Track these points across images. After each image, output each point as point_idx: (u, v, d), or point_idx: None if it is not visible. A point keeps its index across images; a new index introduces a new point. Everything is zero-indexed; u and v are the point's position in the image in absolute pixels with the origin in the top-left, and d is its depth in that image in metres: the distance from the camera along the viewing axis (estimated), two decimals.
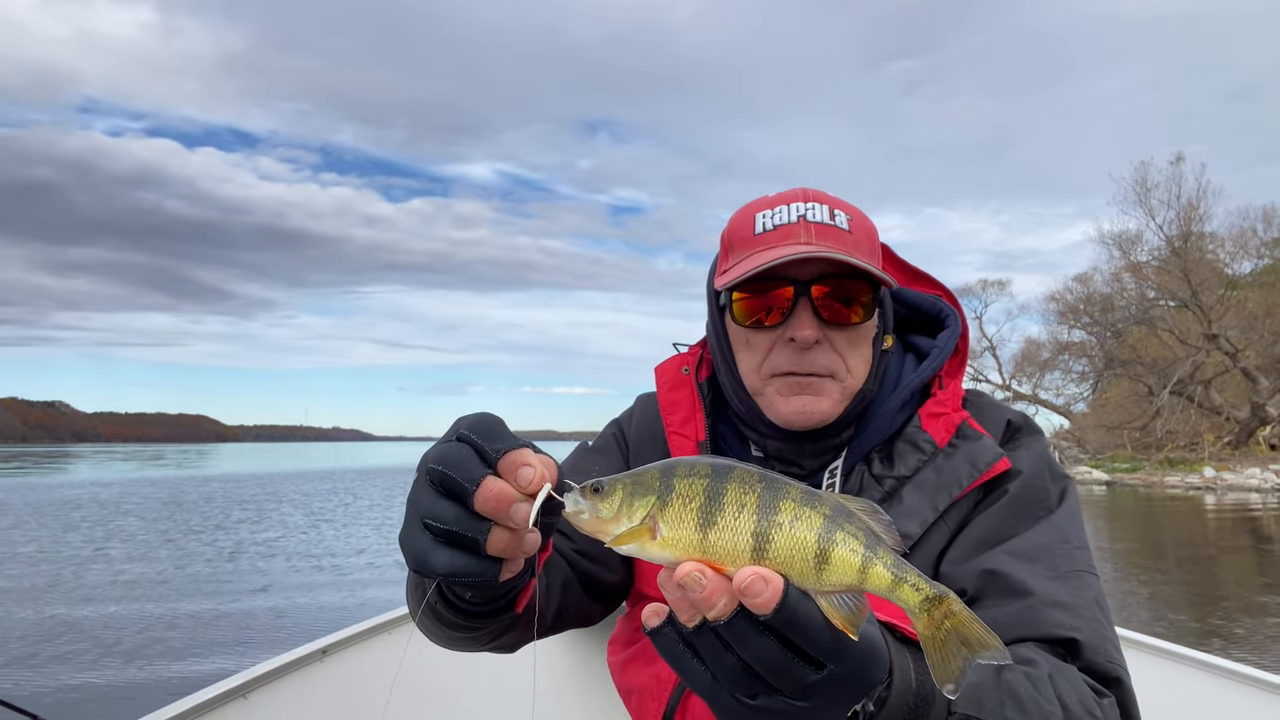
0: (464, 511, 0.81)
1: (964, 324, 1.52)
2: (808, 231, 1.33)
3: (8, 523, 25.58)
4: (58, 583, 14.91)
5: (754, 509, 0.77)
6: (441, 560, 0.82)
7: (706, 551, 0.77)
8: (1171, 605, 13.19)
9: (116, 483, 50.13)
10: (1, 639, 11.00)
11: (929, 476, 1.36)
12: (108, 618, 12.19)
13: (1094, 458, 50.99)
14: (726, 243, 1.45)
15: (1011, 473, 1.36)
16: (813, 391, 1.35)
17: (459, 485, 0.80)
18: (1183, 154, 52.44)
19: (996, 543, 1.30)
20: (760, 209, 1.40)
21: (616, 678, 1.55)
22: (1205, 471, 40.58)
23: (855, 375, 1.38)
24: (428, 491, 0.83)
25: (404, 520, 0.87)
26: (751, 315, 1.37)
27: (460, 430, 0.84)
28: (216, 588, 14.45)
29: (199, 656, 10.12)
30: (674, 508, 0.78)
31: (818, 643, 0.77)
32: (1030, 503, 1.34)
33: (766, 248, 1.33)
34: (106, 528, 23.73)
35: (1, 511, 29.74)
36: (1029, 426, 1.45)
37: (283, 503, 34.29)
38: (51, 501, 34.23)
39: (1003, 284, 66.78)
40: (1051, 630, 1.18)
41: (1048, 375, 63.01)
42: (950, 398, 1.44)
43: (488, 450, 0.82)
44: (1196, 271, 48.76)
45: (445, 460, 0.82)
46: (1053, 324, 62.39)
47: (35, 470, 76.50)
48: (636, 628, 1.52)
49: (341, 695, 2.55)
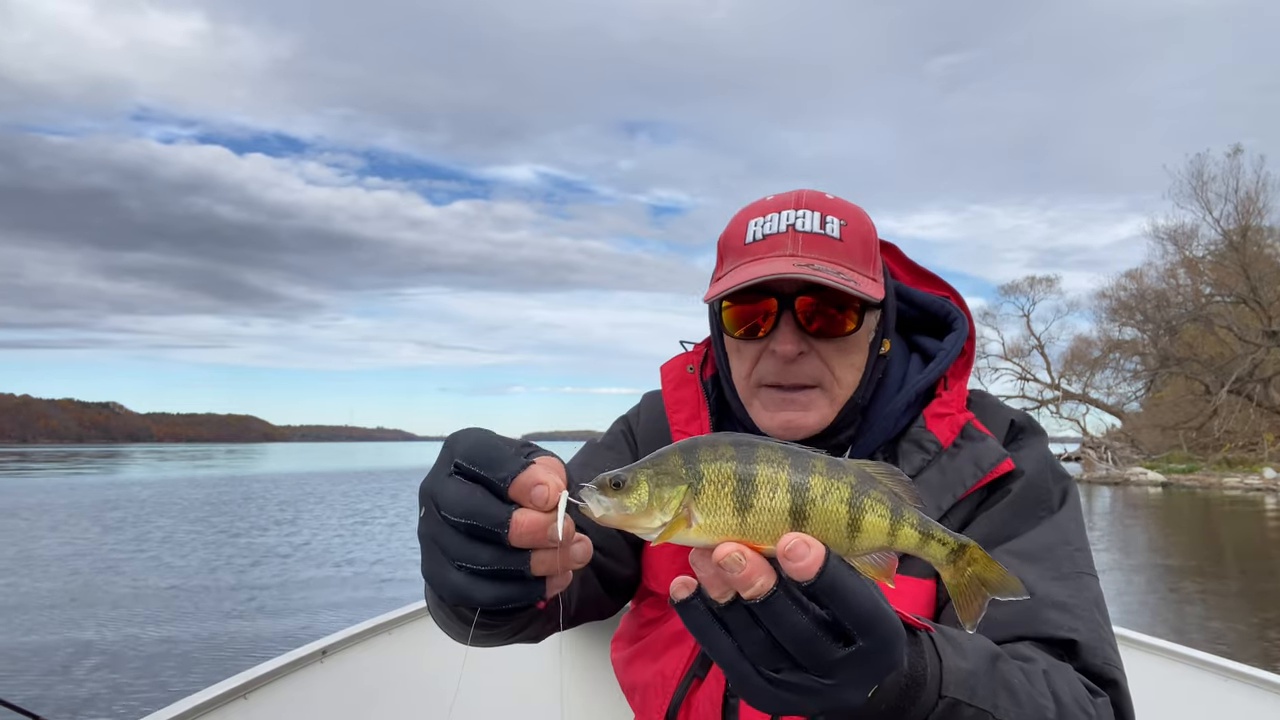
0: (501, 550, 0.79)
1: (971, 326, 1.51)
2: (795, 242, 1.33)
3: (45, 523, 26.03)
4: (78, 585, 15.01)
5: (786, 487, 0.78)
6: (487, 593, 0.81)
7: (746, 534, 0.78)
8: (1231, 616, 12.55)
9: (157, 483, 51.07)
10: (5, 638, 11.10)
11: (933, 476, 1.37)
12: (118, 619, 12.26)
13: (1149, 458, 49.81)
14: (721, 249, 1.45)
15: (1014, 473, 1.37)
16: (798, 406, 1.36)
17: (489, 532, 0.78)
18: (1241, 146, 50.80)
19: (999, 542, 1.31)
20: (754, 215, 1.40)
21: (620, 674, 1.56)
22: (1265, 473, 39.35)
23: (844, 384, 1.38)
24: (455, 537, 0.81)
25: (424, 557, 0.85)
26: (739, 325, 1.38)
27: (459, 463, 0.81)
28: (231, 593, 14.43)
29: (203, 657, 10.11)
30: (707, 495, 0.78)
31: (856, 610, 0.77)
32: (1032, 503, 1.35)
33: (754, 259, 1.34)
34: (139, 529, 24.00)
35: (43, 511, 30.34)
36: (1032, 427, 1.46)
37: (321, 502, 34.58)
38: (92, 502, 34.86)
39: (1051, 281, 65.85)
40: (1050, 631, 1.19)
41: (1098, 374, 61.73)
42: (955, 398, 1.44)
43: (496, 483, 0.79)
44: (1255, 266, 47.48)
45: (465, 511, 0.79)
46: (1104, 321, 61.10)
47: (87, 469, 78.22)
48: (641, 624, 1.53)
49: (341, 695, 2.55)
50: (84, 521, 26.03)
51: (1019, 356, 64.59)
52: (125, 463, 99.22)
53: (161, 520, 26.18)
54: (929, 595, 1.33)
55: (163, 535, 21.98)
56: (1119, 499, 36.92)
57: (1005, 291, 66.34)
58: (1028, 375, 64.36)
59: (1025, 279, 66.56)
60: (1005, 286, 66.71)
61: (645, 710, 1.47)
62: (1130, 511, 31.20)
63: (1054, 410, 63.17)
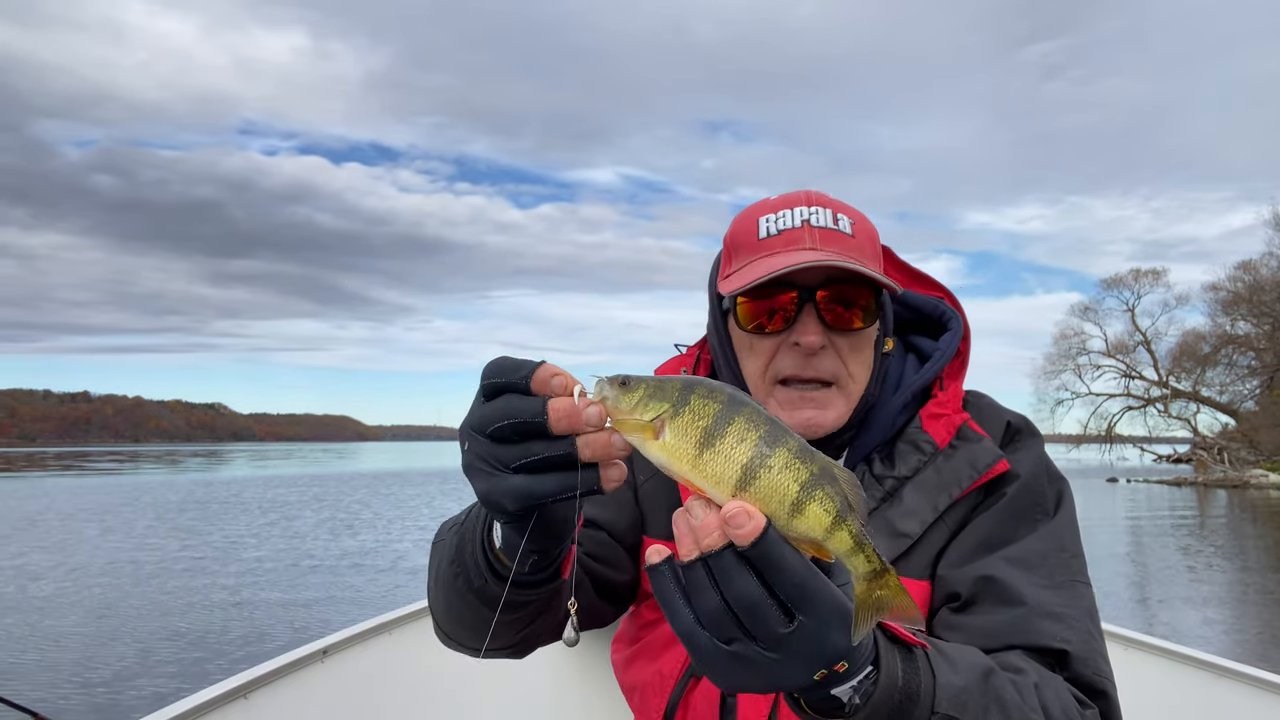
0: (547, 438, 0.85)
1: (966, 327, 1.51)
2: (812, 236, 1.34)
3: (123, 520, 26.97)
4: (117, 586, 15.27)
5: (752, 444, 0.83)
6: (549, 485, 0.86)
7: (698, 468, 0.84)
8: None
9: (257, 480, 52.76)
10: (9, 639, 11.31)
11: (929, 477, 1.37)
12: (135, 616, 12.50)
13: (1269, 459, 46.66)
14: (730, 246, 1.44)
15: (1010, 475, 1.38)
16: (817, 404, 1.37)
17: (529, 425, 0.84)
18: None
19: (995, 545, 1.32)
20: (763, 213, 1.40)
21: (620, 675, 1.57)
22: None
23: (858, 380, 1.39)
24: (501, 446, 0.87)
25: (477, 484, 0.90)
26: (754, 320, 1.37)
27: (484, 385, 0.88)
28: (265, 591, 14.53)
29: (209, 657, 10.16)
30: (683, 419, 0.84)
31: (789, 585, 0.82)
32: (1028, 506, 1.36)
33: (771, 253, 1.34)
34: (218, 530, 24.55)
35: (139, 509, 31.50)
36: (1028, 429, 1.46)
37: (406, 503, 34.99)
38: (179, 500, 36.05)
39: (1158, 273, 62.62)
40: (1043, 640, 1.21)
41: (1209, 371, 58.28)
42: (951, 399, 1.45)
43: (519, 383, 0.86)
44: None
45: (504, 414, 0.85)
46: (1216, 315, 57.70)
47: (192, 467, 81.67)
48: (640, 625, 1.54)
49: (342, 695, 2.56)
50: (149, 519, 26.94)
51: (1123, 353, 61.76)
52: (223, 461, 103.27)
53: (243, 519, 26.87)
54: (922, 596, 1.32)
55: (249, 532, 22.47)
56: (1236, 503, 34.80)
57: (1107, 285, 63.48)
58: (1133, 372, 61.46)
59: (1129, 271, 63.60)
60: (1108, 280, 63.87)
61: (644, 710, 1.47)
62: (1250, 517, 29.26)
63: (1161, 409, 60.22)
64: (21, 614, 12.70)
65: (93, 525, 25.19)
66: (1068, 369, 63.14)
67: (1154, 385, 60.67)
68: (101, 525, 25.19)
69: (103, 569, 16.84)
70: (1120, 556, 19.03)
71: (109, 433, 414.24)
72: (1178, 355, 59.88)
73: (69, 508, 31.32)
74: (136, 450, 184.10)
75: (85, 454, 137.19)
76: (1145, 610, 13.46)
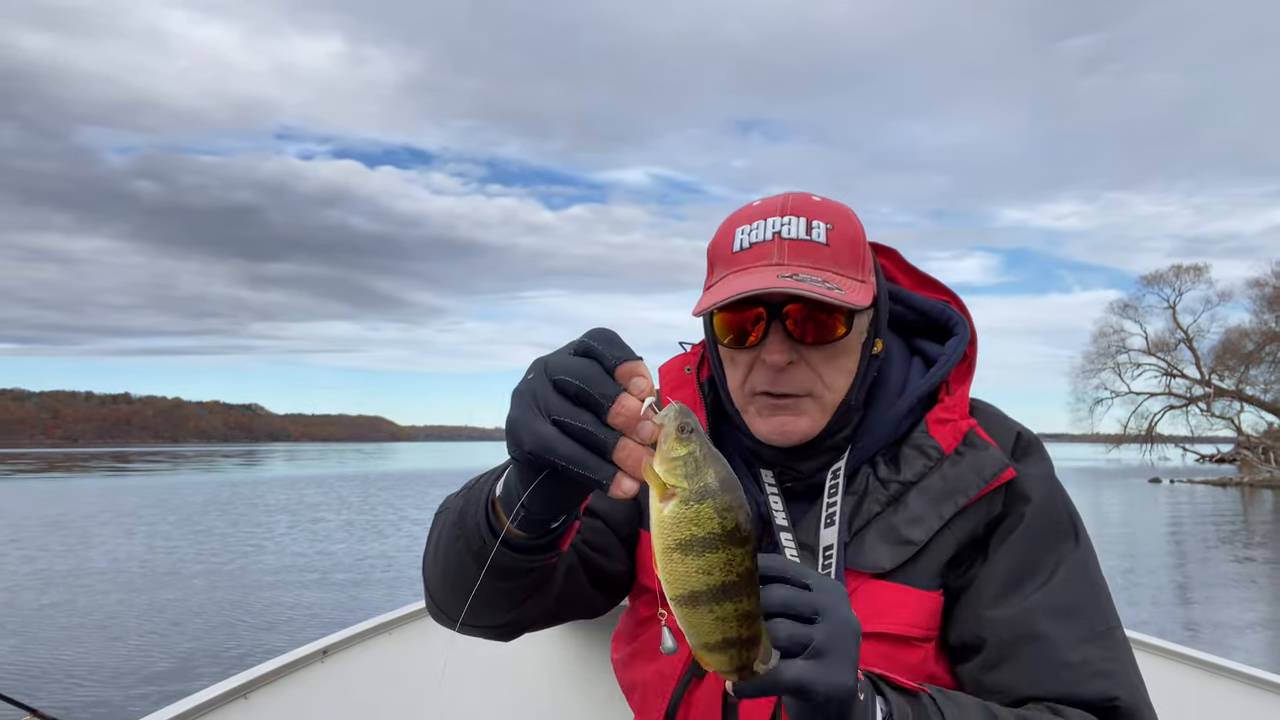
0: (598, 420, 0.87)
1: (973, 331, 1.50)
2: (781, 250, 1.34)
3: (153, 519, 27.20)
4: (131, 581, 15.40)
5: (712, 582, 0.85)
6: (569, 449, 0.88)
7: (663, 557, 0.86)
8: None
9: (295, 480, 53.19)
10: (11, 636, 11.37)
11: (935, 483, 1.36)
12: (134, 613, 12.56)
13: None
14: (711, 258, 1.45)
15: (1026, 495, 1.37)
16: (790, 412, 1.37)
17: (594, 400, 0.87)
18: None
19: (1025, 576, 1.32)
20: (742, 223, 1.40)
21: (620, 674, 1.57)
22: None
23: (835, 390, 1.38)
24: (558, 398, 0.89)
25: (516, 408, 0.92)
26: (729, 334, 1.38)
27: (583, 341, 0.91)
28: None
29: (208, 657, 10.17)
30: (685, 512, 0.85)
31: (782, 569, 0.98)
32: (1051, 529, 1.36)
33: (741, 268, 1.35)
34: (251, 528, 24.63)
35: (176, 510, 31.76)
36: (1038, 444, 1.46)
37: None
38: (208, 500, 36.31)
39: (1200, 269, 60.79)
40: (1091, 697, 1.23)
41: (1254, 369, 56.89)
42: (958, 404, 1.44)
43: (609, 359, 0.89)
44: None
45: (580, 375, 0.88)
46: (1261, 312, 56.29)
47: (228, 466, 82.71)
48: (638, 622, 1.54)
49: (342, 695, 2.56)
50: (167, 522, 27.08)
51: (1164, 351, 60.40)
52: (259, 462, 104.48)
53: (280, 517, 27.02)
54: (928, 607, 1.32)
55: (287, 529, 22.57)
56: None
57: (1148, 282, 61.90)
58: (1174, 371, 60.12)
59: (1170, 268, 61.66)
60: (1148, 276, 62.16)
61: (644, 710, 1.47)
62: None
63: (1204, 409, 58.88)
64: (21, 615, 12.82)
65: (112, 526, 25.34)
66: (1107, 367, 61.92)
67: (1196, 384, 59.27)
68: (119, 526, 25.33)
69: (111, 569, 16.96)
70: (1165, 560, 18.56)
71: (149, 433, 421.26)
72: (1221, 353, 58.45)
73: (92, 508, 31.69)
74: (176, 451, 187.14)
75: (124, 454, 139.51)
76: (1189, 614, 13.07)
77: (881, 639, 1.28)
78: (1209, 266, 63.68)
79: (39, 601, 13.66)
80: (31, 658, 10.28)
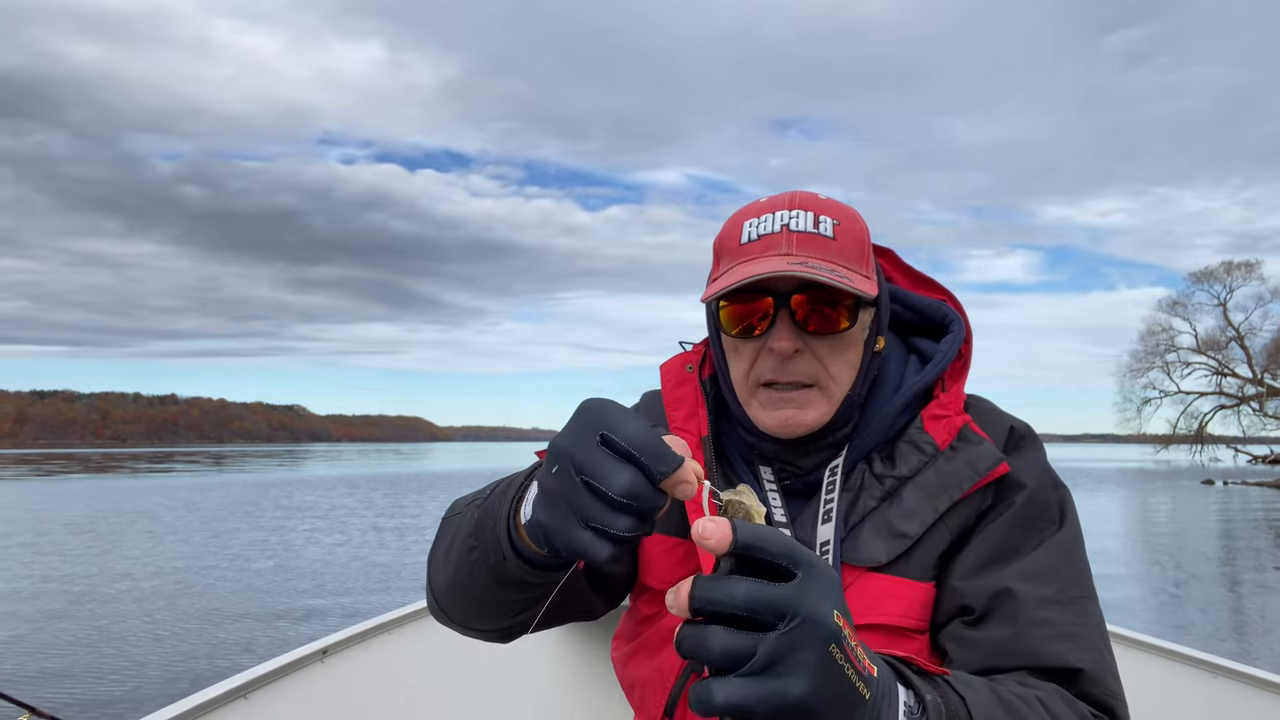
0: (638, 521, 0.85)
1: (968, 329, 1.53)
2: (789, 241, 1.35)
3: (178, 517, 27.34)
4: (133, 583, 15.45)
5: None
6: (605, 551, 0.86)
7: None
8: None
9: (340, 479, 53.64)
10: (11, 635, 11.34)
11: (929, 478, 1.39)
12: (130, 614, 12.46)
13: None
14: (717, 251, 1.47)
15: (1017, 484, 1.39)
16: (796, 404, 1.38)
17: (641, 511, 0.85)
18: None
19: (1006, 557, 1.34)
20: (749, 216, 1.41)
21: (619, 671, 1.58)
22: None
23: (840, 382, 1.40)
24: (596, 504, 0.85)
25: (548, 512, 0.89)
26: (736, 324, 1.40)
27: (611, 439, 0.85)
28: None
29: None
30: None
31: (775, 549, 0.83)
32: (1035, 516, 1.38)
33: (749, 258, 1.36)
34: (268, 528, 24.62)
35: (192, 509, 31.95)
36: (1031, 435, 1.48)
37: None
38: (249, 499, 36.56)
39: (1251, 266, 59.38)
40: (1055, 660, 1.23)
41: None
42: (953, 401, 1.46)
43: (655, 475, 0.84)
44: None
45: (628, 492, 0.84)
46: None
47: (264, 467, 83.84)
48: (638, 621, 1.54)
49: (342, 695, 2.56)
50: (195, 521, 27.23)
51: (1214, 350, 58.93)
52: (299, 462, 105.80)
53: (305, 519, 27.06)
54: (922, 598, 1.34)
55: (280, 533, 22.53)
56: None
57: (1197, 279, 60.57)
58: (1225, 370, 58.62)
59: (1221, 264, 60.40)
60: (1197, 273, 60.84)
61: (644, 706, 1.48)
62: None
63: (1256, 408, 57.34)
64: (22, 615, 12.84)
65: (128, 527, 25.27)
66: (1155, 366, 60.77)
67: (1248, 383, 57.81)
68: (137, 527, 25.24)
69: (117, 569, 16.98)
70: (1222, 568, 17.85)
71: (195, 434, 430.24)
72: (1274, 351, 56.91)
73: (113, 508, 31.78)
74: (218, 451, 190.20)
75: (166, 455, 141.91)
76: (1240, 622, 12.48)
77: (878, 630, 1.29)
78: (1261, 263, 61.43)
79: (39, 602, 13.71)
80: (31, 657, 10.30)
